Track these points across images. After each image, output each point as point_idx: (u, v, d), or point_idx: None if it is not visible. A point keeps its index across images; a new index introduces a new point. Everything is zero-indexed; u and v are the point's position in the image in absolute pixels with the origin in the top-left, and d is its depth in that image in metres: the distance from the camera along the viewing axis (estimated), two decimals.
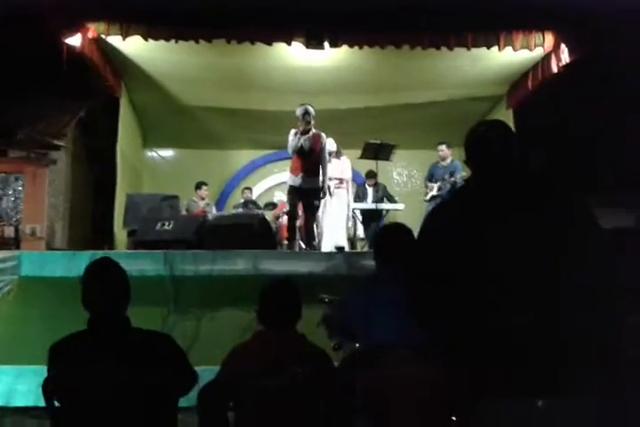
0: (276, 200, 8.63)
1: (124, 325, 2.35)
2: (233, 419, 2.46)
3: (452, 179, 7.43)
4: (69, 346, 2.36)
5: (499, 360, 1.71)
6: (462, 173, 7.20)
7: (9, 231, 7.77)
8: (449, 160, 7.74)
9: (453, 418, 2.21)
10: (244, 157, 10.29)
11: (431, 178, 7.89)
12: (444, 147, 7.74)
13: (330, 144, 7.12)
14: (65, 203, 7.79)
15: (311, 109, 6.33)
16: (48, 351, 2.37)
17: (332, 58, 7.59)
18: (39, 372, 4.23)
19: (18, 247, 7.21)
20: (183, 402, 2.54)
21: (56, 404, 2.43)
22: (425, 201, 7.86)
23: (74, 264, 5.10)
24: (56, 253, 5.78)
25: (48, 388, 2.43)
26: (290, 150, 6.39)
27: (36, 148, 7.71)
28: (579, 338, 1.68)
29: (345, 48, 7.27)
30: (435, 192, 7.67)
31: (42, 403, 3.97)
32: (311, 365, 2.39)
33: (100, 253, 5.38)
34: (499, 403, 1.73)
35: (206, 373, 2.71)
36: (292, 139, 6.30)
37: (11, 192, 8.07)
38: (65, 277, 4.99)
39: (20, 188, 8.05)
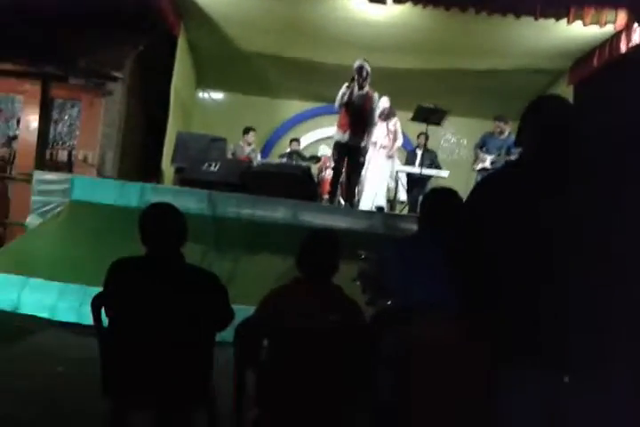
0: (320, 154, 8.68)
1: (179, 259, 2.52)
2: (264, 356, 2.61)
3: (509, 157, 7.17)
4: (127, 267, 2.53)
5: (531, 331, 1.77)
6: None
7: (62, 155, 8.01)
8: (507, 133, 7.51)
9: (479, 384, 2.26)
10: (294, 107, 10.30)
11: (482, 147, 7.68)
12: (502, 123, 7.52)
13: (384, 102, 7.12)
14: (117, 133, 7.95)
15: (368, 66, 6.31)
16: (109, 267, 2.53)
17: (393, 14, 7.44)
18: (82, 291, 4.53)
19: (70, 172, 7.44)
20: (218, 338, 2.72)
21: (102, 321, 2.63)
22: (474, 170, 7.69)
23: (123, 193, 5.32)
24: (107, 181, 5.98)
25: (98, 302, 2.61)
26: (337, 104, 6.41)
27: (94, 76, 7.85)
28: (611, 319, 1.74)
29: (408, 5, 7.11)
30: (487, 164, 7.49)
31: (83, 321, 4.28)
32: (344, 314, 2.51)
33: (148, 186, 5.59)
34: (525, 374, 1.78)
35: (240, 311, 2.86)
36: (343, 92, 6.30)
37: (66, 117, 8.29)
38: (113, 205, 5.22)
39: (76, 114, 8.25)
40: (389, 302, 2.80)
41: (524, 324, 1.79)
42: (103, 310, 2.59)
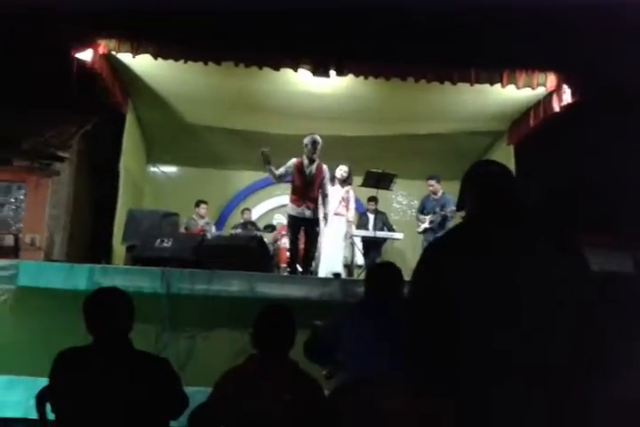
0: (275, 223, 8.66)
1: (126, 346, 2.41)
2: None
3: (443, 212, 7.65)
4: (72, 359, 2.42)
5: (487, 398, 1.75)
6: (453, 207, 7.34)
7: (8, 240, 7.79)
8: (440, 193, 7.95)
9: None
10: (246, 177, 10.33)
11: (422, 210, 8.12)
12: (433, 182, 7.97)
13: (343, 171, 7.24)
14: (66, 214, 7.82)
15: (319, 139, 6.41)
16: (53, 360, 2.42)
17: (337, 85, 7.72)
18: (30, 383, 4.29)
19: (17, 256, 7.21)
20: (173, 424, 2.59)
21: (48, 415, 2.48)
22: (418, 233, 8.04)
23: (72, 277, 5.15)
24: (54, 265, 5.79)
25: (43, 397, 2.47)
26: (275, 179, 6.46)
27: (40, 158, 7.80)
28: (566, 385, 1.74)
29: (351, 77, 7.40)
30: (427, 225, 7.90)
31: (31, 415, 4.03)
32: (302, 394, 2.42)
33: (97, 268, 5.43)
34: None
35: (198, 394, 2.74)
36: (281, 173, 6.35)
37: (13, 200, 8.11)
38: (62, 289, 5.03)
39: (22, 197, 8.08)
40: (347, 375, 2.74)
41: (481, 390, 1.76)
42: (49, 406, 2.45)
